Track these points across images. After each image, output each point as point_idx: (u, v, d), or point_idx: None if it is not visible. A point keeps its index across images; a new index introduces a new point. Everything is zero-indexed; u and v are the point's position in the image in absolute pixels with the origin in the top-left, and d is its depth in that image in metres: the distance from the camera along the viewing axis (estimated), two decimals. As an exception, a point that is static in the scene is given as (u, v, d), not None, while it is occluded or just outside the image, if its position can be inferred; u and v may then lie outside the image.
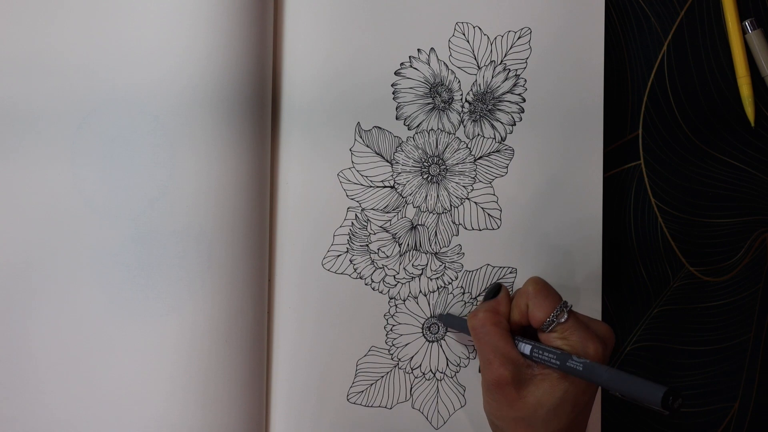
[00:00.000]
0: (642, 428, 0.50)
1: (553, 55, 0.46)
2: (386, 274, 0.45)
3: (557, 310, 0.39)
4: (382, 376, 0.46)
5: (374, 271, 0.45)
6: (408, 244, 0.46)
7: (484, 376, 0.40)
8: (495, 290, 0.43)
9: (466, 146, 0.46)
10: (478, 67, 0.46)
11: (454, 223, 0.46)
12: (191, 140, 0.40)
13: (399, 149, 0.45)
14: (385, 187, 0.45)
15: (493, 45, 0.46)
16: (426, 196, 0.46)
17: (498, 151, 0.46)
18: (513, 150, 0.46)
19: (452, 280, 0.46)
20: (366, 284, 0.45)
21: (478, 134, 0.46)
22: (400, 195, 0.45)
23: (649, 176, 0.50)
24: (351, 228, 0.45)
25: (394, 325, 0.46)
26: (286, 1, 0.44)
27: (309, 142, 0.44)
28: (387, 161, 0.45)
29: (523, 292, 0.41)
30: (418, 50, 0.45)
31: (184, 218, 0.41)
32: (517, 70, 0.46)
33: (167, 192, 0.41)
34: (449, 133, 0.46)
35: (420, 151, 0.45)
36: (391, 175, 0.45)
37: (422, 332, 0.46)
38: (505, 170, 0.46)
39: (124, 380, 0.41)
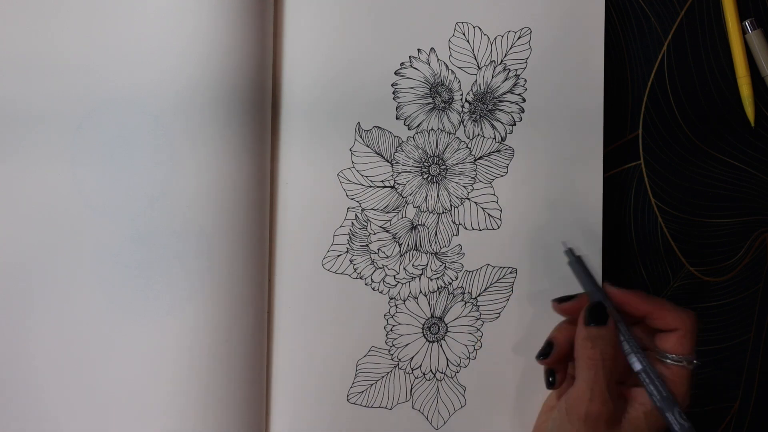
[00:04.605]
0: None
1: (553, 55, 0.46)
2: (386, 274, 0.45)
3: (686, 359, 0.39)
4: (382, 377, 0.46)
5: (374, 271, 0.45)
6: (408, 244, 0.46)
7: (575, 404, 0.39)
8: (602, 315, 0.40)
9: (466, 146, 0.46)
10: (478, 67, 0.46)
11: (454, 223, 0.46)
12: (191, 140, 0.40)
13: (399, 149, 0.45)
14: (385, 187, 0.45)
15: (493, 45, 0.46)
16: (426, 196, 0.46)
17: (498, 151, 0.46)
18: (513, 150, 0.46)
19: (452, 280, 0.46)
20: (366, 284, 0.45)
21: (478, 134, 0.46)
22: (400, 195, 0.45)
23: (649, 176, 0.50)
24: (351, 228, 0.45)
25: (394, 326, 0.46)
26: (286, 1, 0.44)
27: (309, 142, 0.44)
28: (387, 161, 0.45)
29: (680, 317, 0.40)
30: (418, 50, 0.45)
31: (184, 218, 0.41)
32: (517, 70, 0.46)
33: (167, 192, 0.41)
34: (449, 133, 0.46)
35: (420, 151, 0.45)
36: (391, 175, 0.45)
37: (422, 332, 0.46)
38: (505, 170, 0.46)
39: (124, 380, 0.41)
